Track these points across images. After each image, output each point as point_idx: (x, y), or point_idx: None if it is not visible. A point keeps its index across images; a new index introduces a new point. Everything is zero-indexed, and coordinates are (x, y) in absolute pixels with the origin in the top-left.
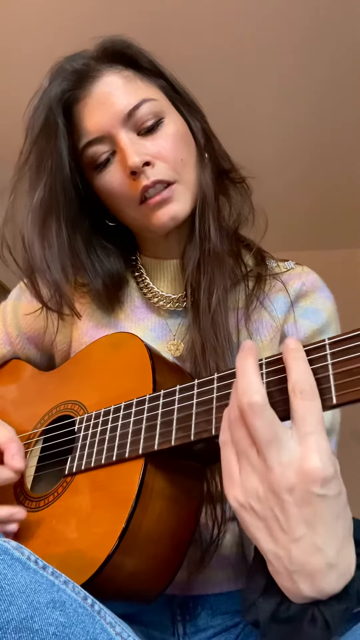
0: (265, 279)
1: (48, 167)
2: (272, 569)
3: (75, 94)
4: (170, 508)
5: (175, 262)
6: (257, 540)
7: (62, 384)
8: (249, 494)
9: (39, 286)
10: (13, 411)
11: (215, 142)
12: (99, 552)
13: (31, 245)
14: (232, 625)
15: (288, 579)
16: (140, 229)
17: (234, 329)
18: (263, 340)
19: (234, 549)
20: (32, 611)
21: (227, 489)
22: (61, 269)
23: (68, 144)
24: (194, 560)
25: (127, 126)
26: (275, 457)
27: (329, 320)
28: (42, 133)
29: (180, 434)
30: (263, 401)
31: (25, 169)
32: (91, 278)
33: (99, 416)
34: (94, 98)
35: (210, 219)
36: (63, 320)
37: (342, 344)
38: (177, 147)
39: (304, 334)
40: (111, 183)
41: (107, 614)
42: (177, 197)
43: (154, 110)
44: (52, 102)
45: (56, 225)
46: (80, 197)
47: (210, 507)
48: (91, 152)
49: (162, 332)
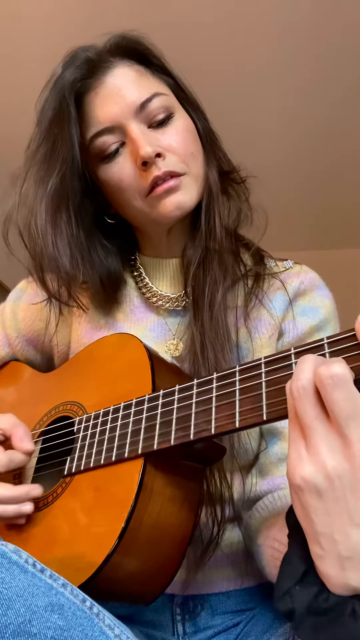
0: (264, 278)
1: (62, 155)
2: (319, 553)
3: (87, 83)
4: (170, 508)
5: (175, 261)
6: (312, 523)
7: (61, 385)
8: (317, 471)
9: (45, 276)
10: (12, 412)
11: (217, 142)
12: (98, 553)
13: (44, 232)
14: (232, 626)
15: (337, 566)
16: (143, 224)
17: (233, 328)
18: (262, 337)
19: (234, 548)
20: (30, 615)
21: (293, 467)
22: (71, 257)
23: (80, 133)
24: (194, 559)
25: (139, 118)
26: (356, 433)
27: (327, 318)
28: (55, 121)
29: (179, 433)
30: (347, 373)
31: (37, 157)
32: (90, 275)
33: (98, 417)
34: (106, 88)
35: (216, 214)
36: (63, 315)
37: (340, 343)
38: (188, 141)
39: (301, 331)
40: (119, 174)
41: (106, 616)
42: (184, 187)
43: (165, 104)
44: (65, 89)
45: (66, 215)
46: (84, 190)
47: (210, 507)
48: (100, 142)
49: (162, 332)
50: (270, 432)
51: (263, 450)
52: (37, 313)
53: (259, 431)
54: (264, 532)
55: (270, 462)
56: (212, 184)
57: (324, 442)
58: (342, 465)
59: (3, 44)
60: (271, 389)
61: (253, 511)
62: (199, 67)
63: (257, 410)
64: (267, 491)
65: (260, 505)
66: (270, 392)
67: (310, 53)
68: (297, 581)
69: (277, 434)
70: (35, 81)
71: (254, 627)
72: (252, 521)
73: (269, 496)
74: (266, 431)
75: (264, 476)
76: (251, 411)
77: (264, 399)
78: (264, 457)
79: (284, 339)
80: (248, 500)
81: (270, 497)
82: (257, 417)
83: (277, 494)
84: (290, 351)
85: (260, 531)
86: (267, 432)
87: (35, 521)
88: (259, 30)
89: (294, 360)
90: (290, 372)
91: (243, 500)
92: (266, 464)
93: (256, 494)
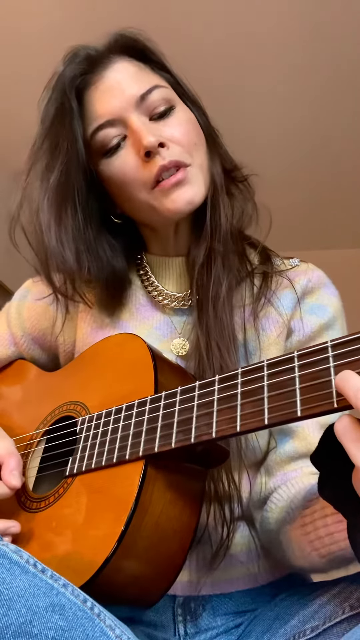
0: (272, 277)
1: (64, 150)
2: None
3: (87, 78)
4: (171, 511)
5: (181, 259)
6: None
7: (65, 384)
8: None
9: (50, 271)
10: (17, 411)
11: (219, 140)
12: (98, 555)
13: (47, 227)
14: (234, 627)
15: None
16: (149, 219)
17: (240, 327)
18: (270, 336)
19: (239, 549)
20: (31, 615)
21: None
22: (75, 252)
23: (82, 128)
24: (203, 562)
25: (139, 110)
26: None
27: (335, 316)
28: (58, 116)
29: (180, 436)
30: None
31: (41, 153)
32: (96, 272)
33: (100, 417)
34: (106, 83)
35: (221, 210)
36: (69, 313)
37: (345, 346)
38: (190, 132)
39: (310, 330)
40: (122, 167)
41: (107, 616)
42: (191, 179)
43: (166, 97)
44: (66, 86)
45: (72, 210)
46: (89, 187)
47: (218, 508)
48: (101, 136)
49: (168, 330)
50: (282, 430)
51: (272, 449)
52: (42, 312)
53: (268, 429)
54: (288, 520)
55: (280, 460)
56: (217, 177)
57: None
58: None
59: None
60: (273, 393)
61: (269, 504)
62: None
63: (258, 414)
64: (278, 486)
65: (275, 497)
66: (272, 396)
67: (309, 48)
68: None
69: (290, 432)
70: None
71: (255, 627)
72: (269, 514)
73: (282, 486)
74: (277, 429)
75: (274, 474)
76: (252, 415)
77: (266, 404)
78: (273, 456)
79: (293, 338)
80: (258, 500)
81: (284, 487)
82: (259, 422)
83: (289, 483)
84: (293, 354)
85: (282, 522)
86: (277, 431)
87: (36, 521)
88: (258, 29)
89: (296, 363)
90: (293, 376)
91: (250, 499)
92: (277, 461)
93: (266, 493)
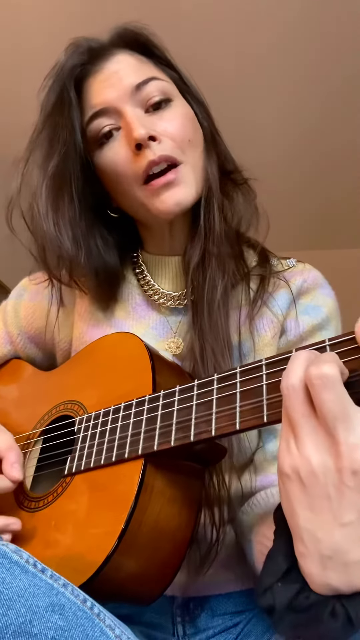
0: (269, 279)
1: (62, 138)
2: (301, 550)
3: (87, 68)
4: (170, 509)
5: (177, 259)
6: (296, 516)
7: (62, 383)
8: (303, 464)
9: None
10: (13, 411)
11: (220, 141)
12: (98, 553)
13: (45, 213)
14: (232, 626)
15: (318, 564)
16: (143, 217)
17: (235, 328)
18: (264, 337)
19: (234, 550)
20: (30, 615)
21: (282, 457)
22: (73, 239)
23: (80, 118)
24: (194, 563)
25: (134, 101)
26: (343, 435)
27: (329, 317)
28: (56, 106)
29: (179, 434)
30: (336, 374)
31: (39, 140)
32: (86, 265)
33: (99, 416)
34: (104, 73)
35: (215, 210)
36: (65, 308)
37: (341, 346)
38: (185, 128)
39: (302, 330)
40: (113, 159)
41: (107, 616)
42: (182, 180)
43: (162, 89)
44: (66, 76)
45: (68, 197)
46: (86, 177)
47: (208, 510)
48: (95, 125)
49: (163, 330)
50: (267, 429)
51: (259, 447)
52: (39, 310)
53: (257, 430)
54: (255, 529)
55: (265, 459)
56: (212, 179)
57: (310, 439)
58: (327, 463)
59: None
60: (271, 390)
61: (246, 507)
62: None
63: (257, 411)
64: (260, 488)
65: (253, 502)
66: (271, 394)
67: (309, 49)
68: (279, 578)
69: (274, 431)
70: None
71: (254, 627)
72: (244, 517)
73: (262, 493)
74: (263, 429)
75: (259, 473)
76: (252, 413)
77: (265, 401)
78: (259, 454)
79: (285, 337)
80: (242, 497)
81: (263, 493)
82: (258, 419)
83: (269, 490)
84: (293, 353)
85: (252, 527)
86: (264, 430)
87: (35, 521)
88: (258, 27)
89: None
90: None
91: (240, 500)
92: (261, 461)
93: (249, 491)
